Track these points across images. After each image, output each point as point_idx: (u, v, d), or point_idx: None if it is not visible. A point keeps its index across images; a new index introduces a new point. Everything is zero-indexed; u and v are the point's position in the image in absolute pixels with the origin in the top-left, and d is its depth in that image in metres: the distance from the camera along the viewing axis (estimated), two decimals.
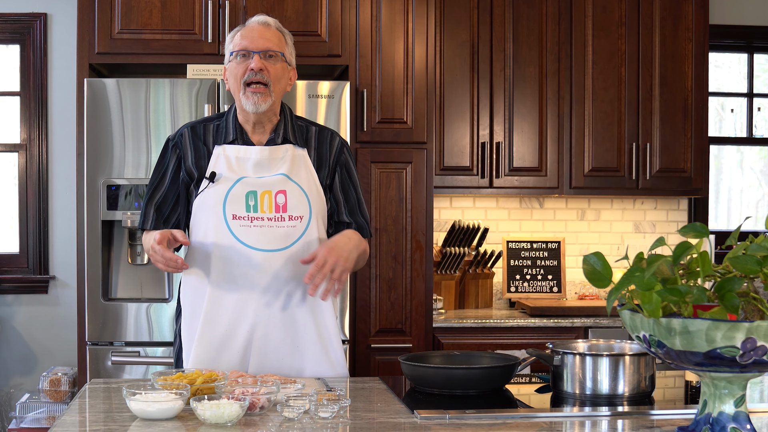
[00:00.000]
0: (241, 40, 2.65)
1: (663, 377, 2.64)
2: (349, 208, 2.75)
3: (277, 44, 2.65)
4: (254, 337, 2.58)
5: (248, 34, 2.65)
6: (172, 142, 2.71)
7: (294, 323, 2.60)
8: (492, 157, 4.54)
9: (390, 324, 4.14)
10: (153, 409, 2.02)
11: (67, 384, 4.36)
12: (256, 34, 2.64)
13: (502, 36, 4.56)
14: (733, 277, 1.64)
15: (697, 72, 4.66)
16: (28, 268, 4.76)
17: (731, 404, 1.74)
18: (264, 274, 2.57)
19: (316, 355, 2.62)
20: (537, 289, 4.82)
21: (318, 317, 2.63)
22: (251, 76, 2.60)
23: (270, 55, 2.64)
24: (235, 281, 2.58)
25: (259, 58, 2.61)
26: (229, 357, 2.57)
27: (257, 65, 2.60)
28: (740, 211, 5.41)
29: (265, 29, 2.66)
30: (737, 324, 1.59)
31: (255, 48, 2.62)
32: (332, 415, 2.05)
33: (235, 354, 2.58)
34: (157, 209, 2.69)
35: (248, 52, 2.63)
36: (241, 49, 2.63)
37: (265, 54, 2.63)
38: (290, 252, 2.58)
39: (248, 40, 2.64)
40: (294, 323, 2.60)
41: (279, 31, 2.69)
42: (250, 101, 2.61)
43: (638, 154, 4.62)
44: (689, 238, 1.76)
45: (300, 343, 2.61)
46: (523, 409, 2.21)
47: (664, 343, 1.67)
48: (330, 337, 2.64)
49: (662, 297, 1.64)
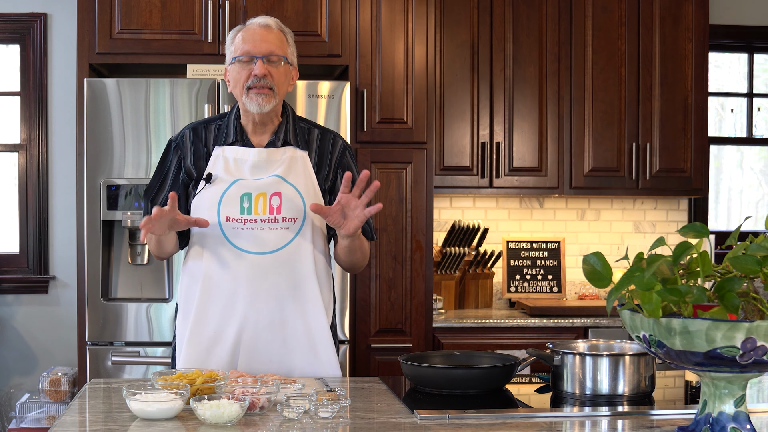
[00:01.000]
0: (243, 44, 2.62)
1: (663, 377, 2.64)
2: None
3: (279, 47, 2.64)
4: (243, 338, 2.58)
5: (250, 37, 2.62)
6: (174, 143, 2.71)
7: (283, 325, 2.60)
8: (492, 157, 4.54)
9: (390, 324, 4.14)
10: (153, 409, 2.01)
11: (67, 384, 4.36)
12: (259, 37, 2.62)
13: (502, 36, 4.55)
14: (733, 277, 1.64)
15: (697, 72, 4.66)
16: (28, 268, 4.76)
17: (731, 404, 1.74)
18: (254, 276, 2.57)
19: (305, 355, 2.61)
20: (537, 289, 4.82)
21: (308, 318, 2.62)
22: (255, 81, 2.59)
23: (273, 59, 2.62)
24: (225, 283, 2.58)
25: (263, 64, 2.60)
26: (218, 358, 2.58)
27: (261, 71, 2.59)
28: (740, 211, 5.41)
29: (267, 32, 2.63)
30: (737, 324, 1.59)
31: (258, 53, 2.61)
32: (332, 415, 2.04)
33: (223, 355, 2.58)
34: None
35: (251, 56, 2.61)
36: (243, 54, 2.61)
37: (268, 58, 2.61)
38: (281, 254, 2.58)
39: (250, 44, 2.61)
40: (283, 325, 2.60)
41: (281, 32, 2.67)
42: (254, 102, 2.60)
43: (638, 154, 4.62)
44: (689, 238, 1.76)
45: (289, 344, 2.60)
46: (523, 409, 2.20)
47: (664, 343, 1.67)
48: (320, 338, 2.62)
49: (662, 297, 1.64)
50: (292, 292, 2.60)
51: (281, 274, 2.58)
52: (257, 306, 2.58)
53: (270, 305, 2.58)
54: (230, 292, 2.58)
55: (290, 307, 2.60)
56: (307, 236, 2.61)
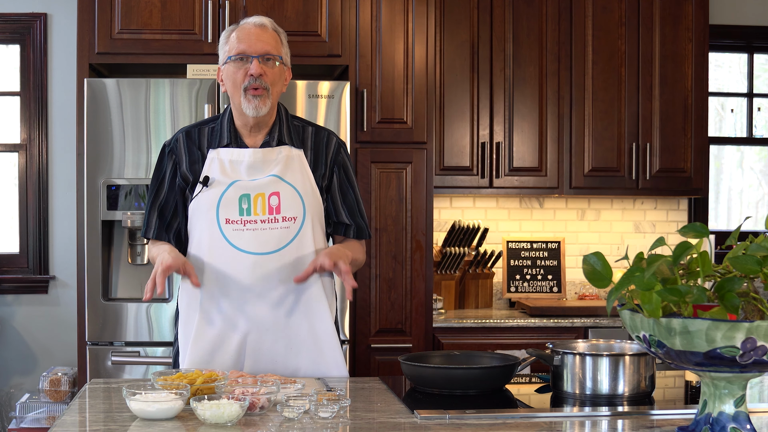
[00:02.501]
0: (238, 44, 2.61)
1: (663, 377, 2.64)
2: (348, 210, 2.74)
3: (274, 47, 2.63)
4: (248, 340, 2.58)
5: (245, 37, 2.61)
6: (168, 147, 2.70)
7: (287, 325, 2.60)
8: (492, 157, 4.54)
9: (390, 324, 4.13)
10: (153, 409, 2.01)
11: (67, 384, 4.35)
12: (254, 37, 2.61)
13: (502, 36, 4.55)
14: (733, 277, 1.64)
15: (697, 72, 4.66)
16: (28, 268, 4.76)
17: (731, 404, 1.74)
18: (257, 277, 2.56)
19: (311, 356, 2.61)
20: (537, 289, 4.82)
21: (313, 318, 2.62)
22: (251, 82, 2.58)
23: (268, 58, 2.61)
24: (229, 285, 2.57)
25: (258, 63, 2.59)
26: (222, 359, 2.57)
27: (257, 71, 2.58)
28: (740, 211, 5.40)
29: (262, 31, 2.62)
30: (737, 324, 1.59)
31: (253, 52, 2.60)
32: (332, 415, 2.04)
33: (229, 356, 2.58)
34: (159, 216, 2.68)
35: (246, 56, 2.60)
36: (238, 53, 2.60)
37: (263, 58, 2.60)
38: (283, 254, 2.58)
39: (246, 43, 2.60)
40: (287, 325, 2.60)
41: (275, 32, 2.66)
42: (251, 105, 2.59)
43: (638, 154, 4.61)
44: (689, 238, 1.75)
45: (294, 344, 2.60)
46: (523, 409, 2.21)
47: (664, 343, 1.67)
48: (326, 338, 2.62)
49: (662, 297, 1.64)
50: (296, 291, 2.60)
51: (284, 273, 2.58)
52: (261, 307, 2.58)
53: (274, 306, 2.58)
54: (234, 294, 2.57)
55: (294, 308, 2.60)
56: (308, 234, 2.61)
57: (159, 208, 2.67)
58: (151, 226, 2.68)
